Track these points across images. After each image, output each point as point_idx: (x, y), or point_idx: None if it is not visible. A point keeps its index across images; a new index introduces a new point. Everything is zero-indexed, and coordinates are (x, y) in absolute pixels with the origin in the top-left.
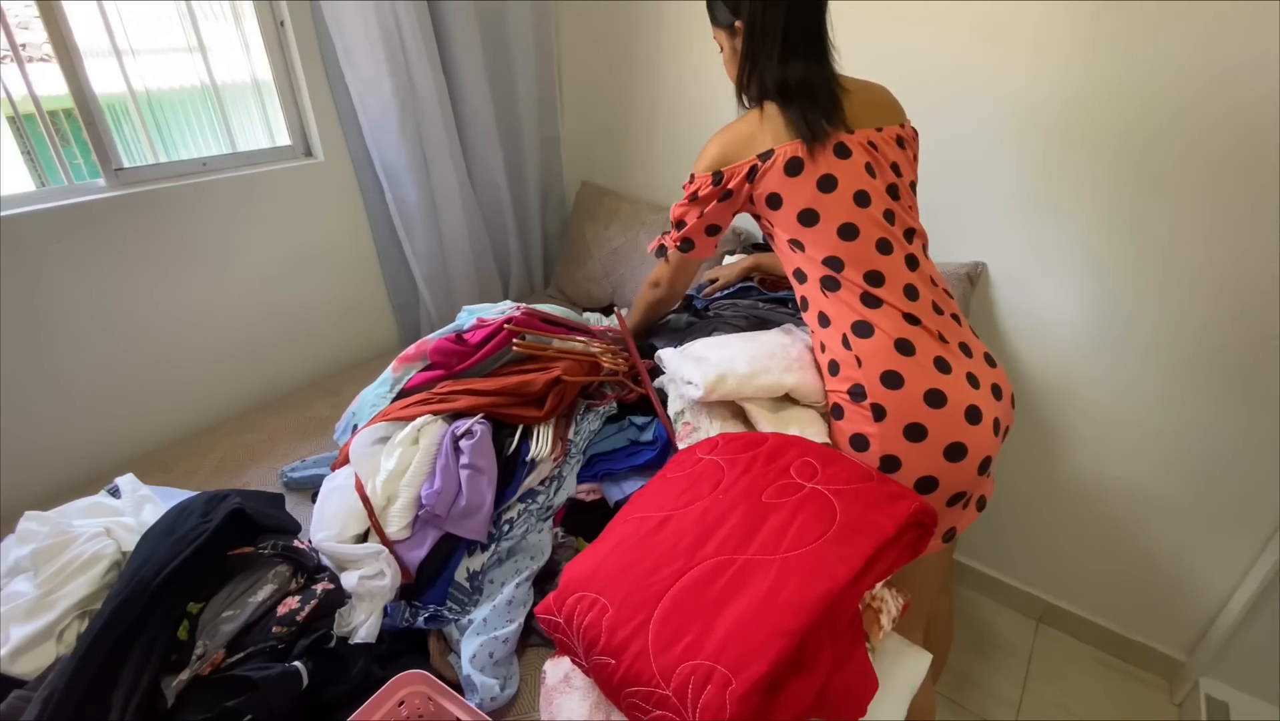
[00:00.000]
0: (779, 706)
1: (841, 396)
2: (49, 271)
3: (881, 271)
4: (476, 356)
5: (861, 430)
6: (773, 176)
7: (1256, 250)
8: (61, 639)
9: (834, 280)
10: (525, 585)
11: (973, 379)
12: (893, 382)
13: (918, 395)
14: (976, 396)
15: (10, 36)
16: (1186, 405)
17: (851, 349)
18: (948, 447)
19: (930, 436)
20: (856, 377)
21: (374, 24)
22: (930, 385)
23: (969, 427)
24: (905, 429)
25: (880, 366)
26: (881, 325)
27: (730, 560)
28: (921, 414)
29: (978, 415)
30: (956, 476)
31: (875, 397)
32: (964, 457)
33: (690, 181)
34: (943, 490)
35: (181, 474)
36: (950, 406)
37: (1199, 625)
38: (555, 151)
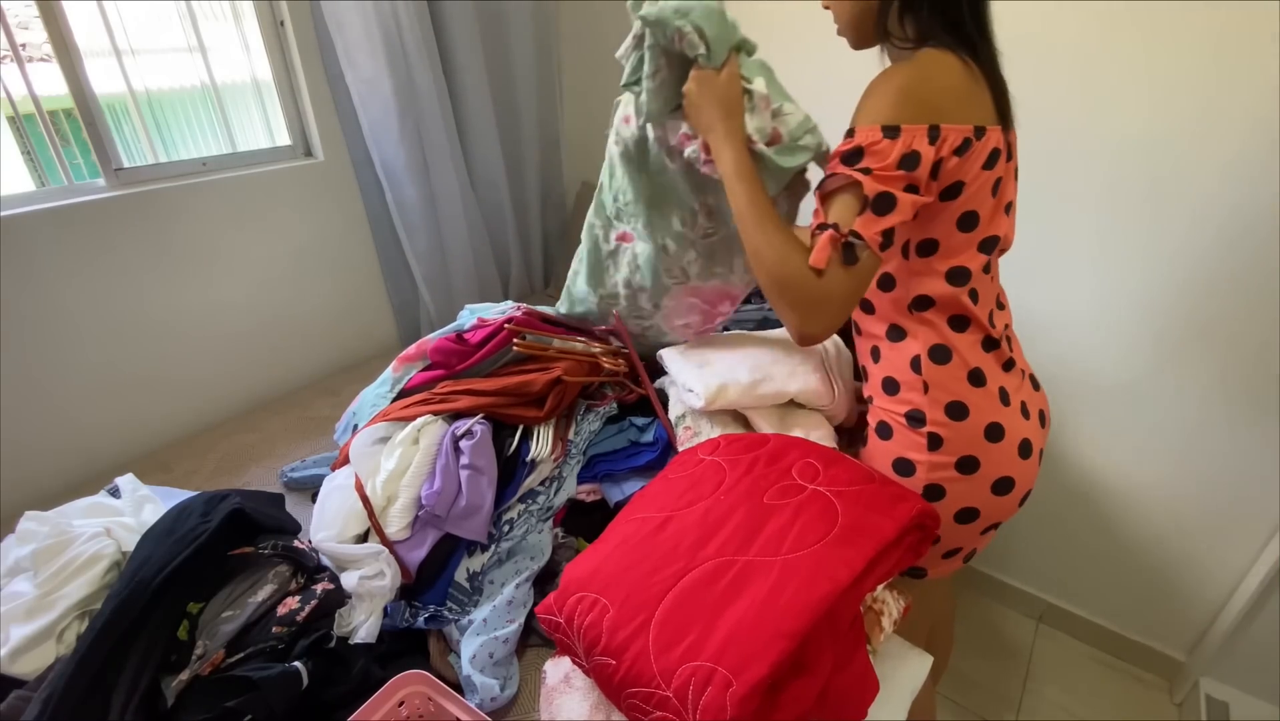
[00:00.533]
0: (780, 708)
1: (895, 418)
2: (49, 271)
3: (979, 290)
4: (477, 356)
5: (910, 456)
6: (973, 162)
7: (1259, 251)
8: (61, 639)
9: (930, 300)
10: (525, 585)
11: (1025, 408)
12: (958, 414)
13: (979, 428)
14: (1028, 428)
15: (10, 36)
16: (1187, 405)
17: (921, 373)
18: (997, 481)
19: (982, 470)
20: (918, 403)
21: (374, 24)
22: (993, 419)
23: (1020, 462)
24: (959, 461)
25: (949, 396)
26: (961, 351)
27: (731, 561)
28: (979, 447)
29: (1029, 449)
30: (999, 509)
31: (935, 427)
32: (1010, 491)
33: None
34: (981, 520)
35: (181, 474)
36: (1006, 440)
37: (1199, 625)
38: (555, 151)
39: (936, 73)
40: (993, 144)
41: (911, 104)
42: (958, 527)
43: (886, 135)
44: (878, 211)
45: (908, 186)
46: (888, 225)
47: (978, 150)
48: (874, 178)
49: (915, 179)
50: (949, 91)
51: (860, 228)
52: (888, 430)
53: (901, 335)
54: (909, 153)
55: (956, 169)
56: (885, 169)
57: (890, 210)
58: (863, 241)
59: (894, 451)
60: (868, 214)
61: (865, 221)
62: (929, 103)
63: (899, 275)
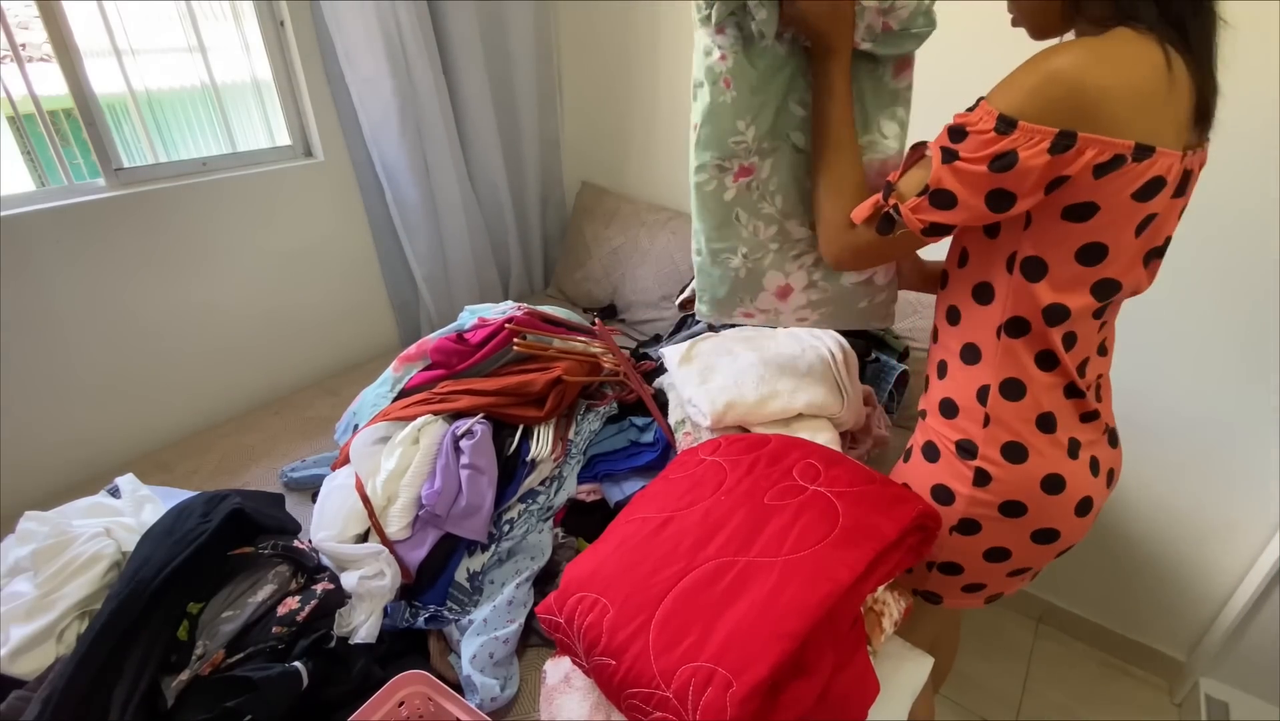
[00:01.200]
0: (780, 709)
1: (945, 442)
2: (49, 271)
3: (1079, 334)
4: (477, 356)
5: (952, 485)
6: (1120, 186)
7: (1260, 251)
8: (61, 639)
9: (1026, 326)
10: (525, 585)
11: (1094, 464)
12: (1014, 456)
13: (1036, 477)
14: (1093, 486)
15: (10, 36)
16: (1187, 405)
17: (986, 404)
18: (1040, 531)
19: (1027, 517)
20: (973, 434)
21: (374, 24)
22: (1053, 470)
23: (1074, 519)
24: (1005, 505)
25: (1009, 435)
26: (1037, 391)
27: (732, 562)
28: (1031, 496)
29: (1088, 508)
30: (1034, 556)
31: (986, 463)
32: (1052, 543)
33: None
34: (1011, 563)
35: (181, 474)
36: (1065, 495)
37: (1199, 625)
38: (555, 152)
39: (1112, 64)
40: (1158, 170)
41: (1048, 99)
42: (985, 564)
43: (999, 127)
44: (934, 203)
45: (992, 193)
46: (938, 220)
47: (1131, 174)
48: (951, 170)
49: (1004, 184)
50: (1116, 92)
51: (910, 209)
52: (935, 452)
53: (976, 358)
54: (1007, 153)
55: (1091, 188)
56: (971, 163)
57: (948, 208)
58: (901, 220)
59: (936, 476)
60: (925, 200)
61: (919, 205)
62: (1075, 102)
63: (1000, 289)
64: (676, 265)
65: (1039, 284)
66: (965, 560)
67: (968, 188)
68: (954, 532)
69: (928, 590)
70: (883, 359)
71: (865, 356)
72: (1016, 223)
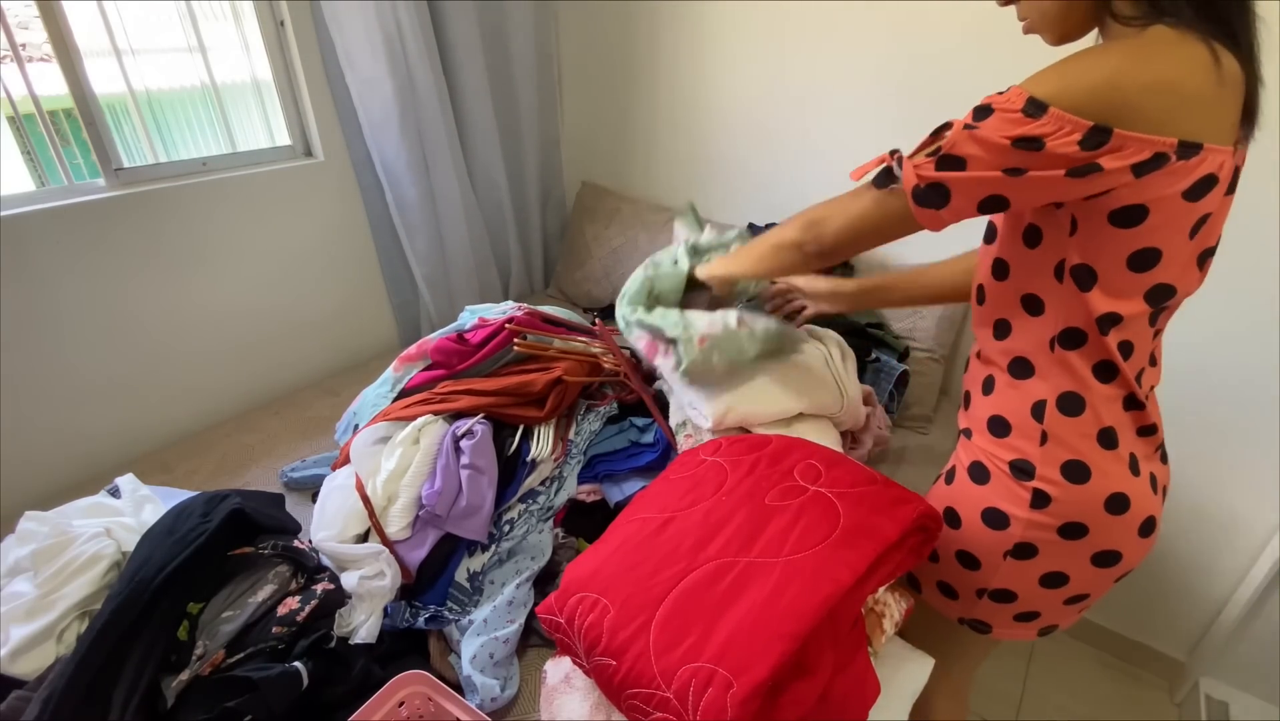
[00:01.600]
0: (780, 710)
1: (996, 463)
2: (49, 271)
3: (1135, 342)
4: (477, 356)
5: (1007, 509)
6: (1168, 186)
7: (1260, 251)
8: (61, 639)
9: (1082, 337)
10: (526, 585)
11: (1154, 481)
12: (1076, 476)
13: (1099, 497)
14: (1155, 504)
15: (10, 36)
16: (1187, 405)
17: (1043, 421)
18: (1101, 554)
19: (1088, 539)
20: (1030, 454)
21: (374, 24)
22: (1117, 489)
23: (1137, 540)
24: (1065, 526)
25: (1069, 454)
26: (1097, 405)
27: (733, 562)
28: (1094, 518)
29: (1151, 528)
30: (1094, 581)
31: (1045, 484)
32: (1113, 566)
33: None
34: (1068, 589)
35: (181, 474)
36: (1130, 515)
37: (1199, 625)
38: (555, 151)
39: (1156, 62)
40: (1209, 168)
41: (1086, 89)
42: (1040, 591)
43: (1028, 109)
44: (941, 165)
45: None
46: (939, 179)
47: (1179, 171)
48: (970, 135)
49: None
50: (1157, 89)
51: (913, 164)
52: (984, 474)
53: (1028, 373)
54: (1034, 138)
55: (1136, 190)
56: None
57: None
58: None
59: (988, 500)
60: (932, 160)
61: (923, 162)
62: (1114, 98)
63: (1050, 301)
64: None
65: (1091, 292)
66: (1020, 586)
67: (985, 153)
68: (1009, 557)
69: (975, 618)
70: (883, 359)
71: (865, 356)
72: (1061, 230)
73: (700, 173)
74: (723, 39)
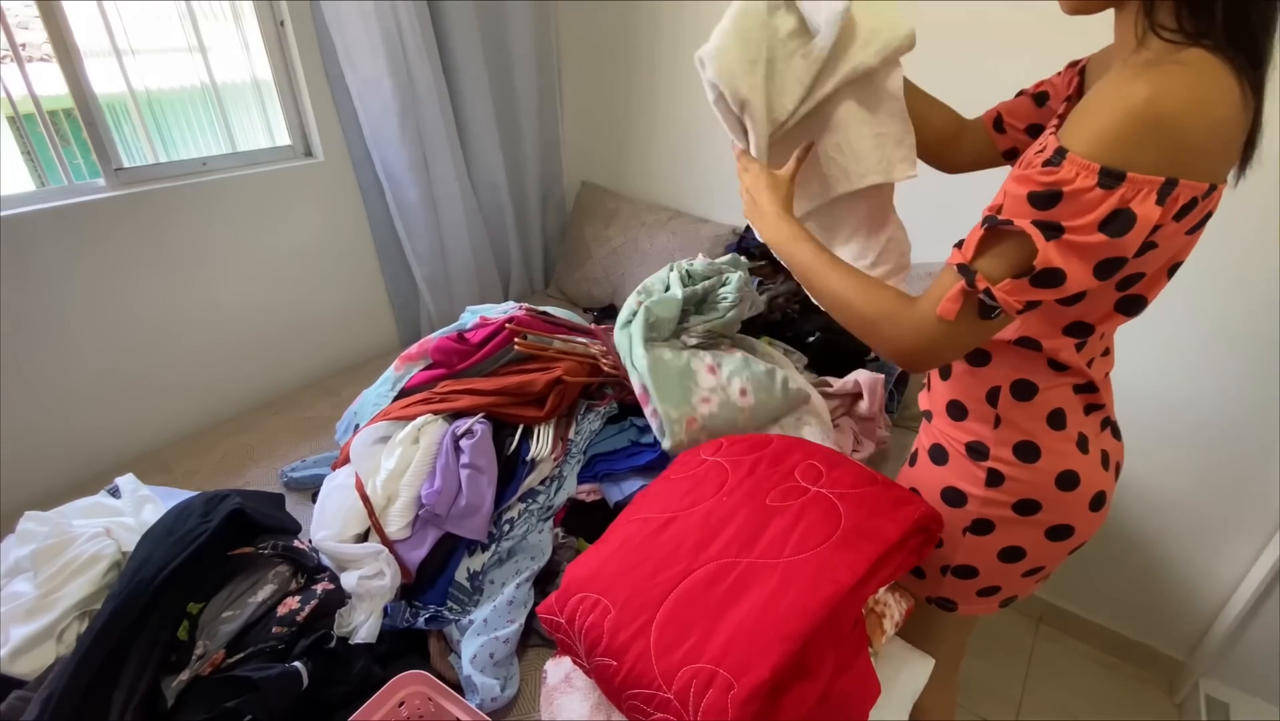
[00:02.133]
0: (781, 710)
1: (954, 445)
2: (49, 271)
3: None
4: (478, 356)
5: (963, 488)
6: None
7: (1258, 249)
8: (61, 639)
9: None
10: (526, 585)
11: (1105, 458)
12: (1027, 455)
13: (1050, 474)
14: (1105, 480)
15: (10, 36)
16: (1188, 405)
17: (996, 406)
18: (1055, 528)
19: (1042, 515)
20: (984, 436)
21: (374, 24)
22: (1067, 466)
23: (1088, 514)
24: (1019, 503)
25: (1020, 435)
26: (1047, 391)
27: (734, 563)
28: (1046, 494)
29: (1101, 502)
30: (1049, 554)
31: (998, 464)
32: (1066, 540)
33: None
34: (1026, 562)
35: (181, 474)
36: (1080, 491)
37: (1199, 625)
38: (555, 152)
39: (1207, 105)
40: (1213, 205)
41: (1156, 141)
42: (999, 565)
43: (1103, 182)
44: (1036, 283)
45: (1101, 264)
46: (1039, 298)
47: (1197, 211)
48: (1061, 245)
49: (1120, 249)
50: (1215, 131)
51: (1005, 292)
52: (943, 455)
53: (984, 360)
54: (1122, 211)
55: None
56: (1082, 231)
57: (1053, 286)
58: (997, 305)
59: (946, 479)
60: (1024, 281)
61: (1016, 287)
62: (1183, 145)
63: None
64: None
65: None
66: (980, 561)
67: (1080, 261)
68: (967, 534)
69: (942, 596)
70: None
71: (865, 356)
72: None
73: (700, 173)
74: None
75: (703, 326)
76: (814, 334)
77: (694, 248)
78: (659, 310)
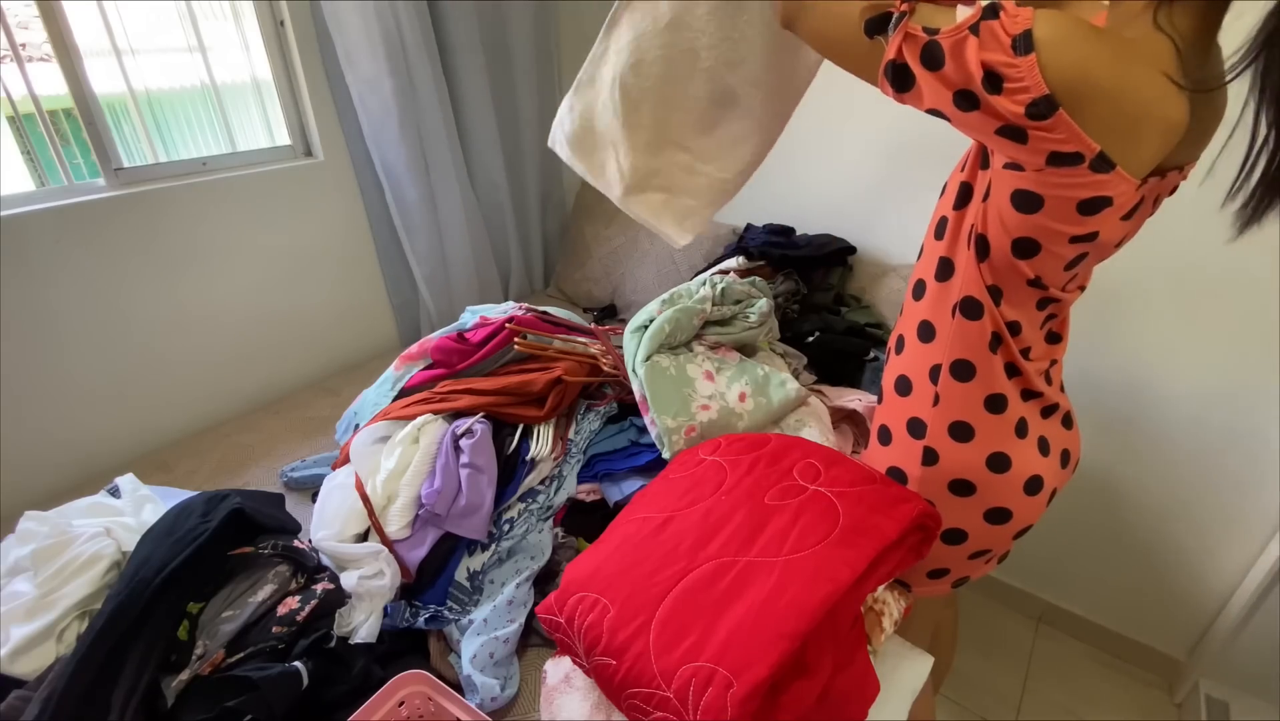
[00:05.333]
0: (780, 709)
1: (897, 422)
2: (49, 271)
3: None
4: (478, 355)
5: (903, 467)
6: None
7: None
8: (61, 639)
9: (978, 309)
10: (525, 585)
11: (1044, 444)
12: (961, 435)
13: (981, 455)
14: (1042, 465)
15: (10, 36)
16: (1188, 405)
17: (936, 384)
18: (991, 511)
19: (976, 496)
20: (923, 413)
21: (374, 24)
22: (999, 448)
23: (1023, 498)
24: (952, 483)
25: (956, 415)
26: (986, 373)
27: (733, 562)
28: (977, 475)
29: (1038, 486)
30: (990, 537)
31: (933, 442)
32: (1005, 523)
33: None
34: (969, 545)
35: (181, 474)
36: (1012, 474)
37: (1199, 625)
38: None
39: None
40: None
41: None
42: (943, 547)
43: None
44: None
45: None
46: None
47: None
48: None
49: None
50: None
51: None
52: (888, 435)
53: (930, 336)
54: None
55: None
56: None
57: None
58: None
59: (890, 459)
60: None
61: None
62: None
63: (959, 266)
64: (676, 265)
65: (984, 264)
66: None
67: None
68: None
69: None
70: (881, 358)
71: (864, 355)
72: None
73: None
74: None
75: (714, 338)
76: (813, 334)
77: (694, 247)
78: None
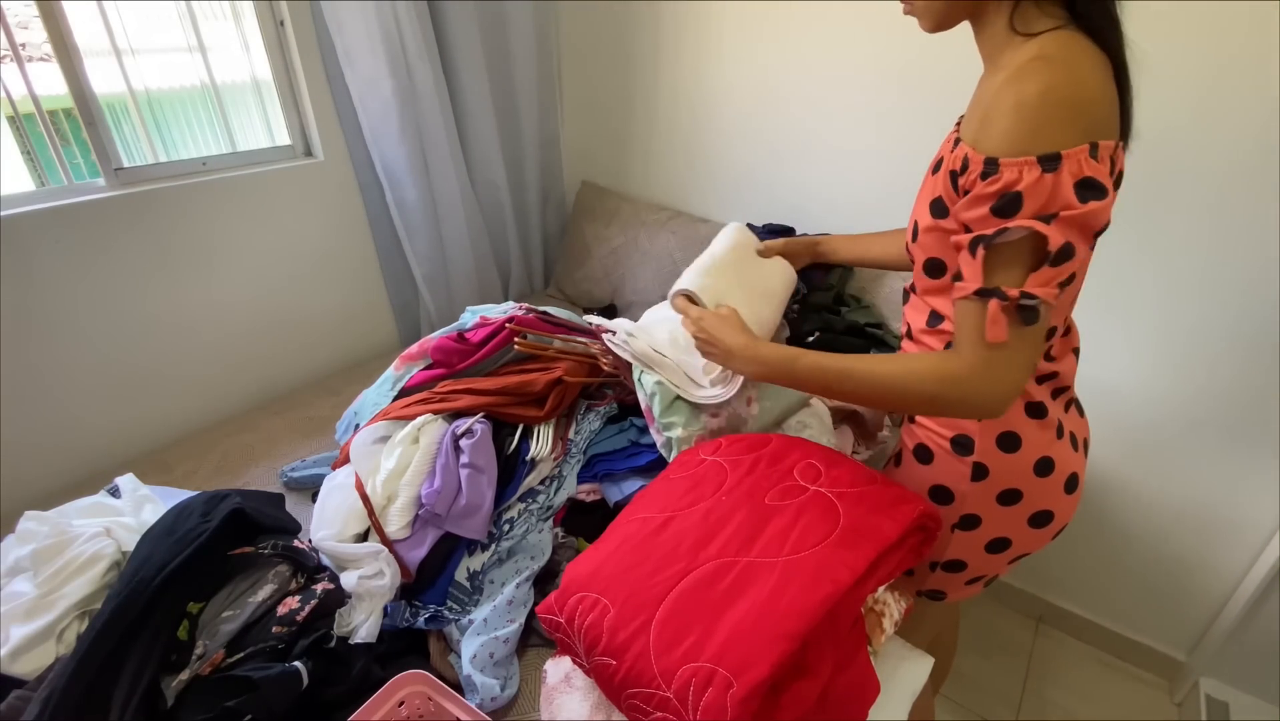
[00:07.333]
0: (780, 709)
1: (939, 441)
2: (49, 271)
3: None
4: (478, 355)
5: (950, 485)
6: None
7: (1257, 250)
8: (61, 639)
9: None
10: (525, 585)
11: (1074, 440)
12: (1009, 446)
13: (1029, 462)
14: (1076, 461)
15: (10, 36)
16: (1187, 405)
17: None
18: (1037, 514)
19: (1023, 502)
20: (968, 429)
21: (374, 24)
22: (1045, 453)
23: (1064, 496)
24: (1001, 494)
25: (1003, 426)
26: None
27: (733, 562)
28: (1025, 481)
29: (1075, 483)
30: (1032, 540)
31: (983, 457)
32: (1048, 525)
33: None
34: (1012, 551)
35: (181, 474)
36: (1055, 475)
37: (1199, 625)
38: (555, 151)
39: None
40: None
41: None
42: (987, 556)
43: (1046, 167)
44: (1057, 262)
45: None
46: (1064, 276)
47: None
48: (1060, 223)
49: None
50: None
51: (1037, 285)
52: (928, 455)
53: None
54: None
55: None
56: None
57: (1070, 259)
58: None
59: (933, 478)
60: (1046, 268)
61: (1042, 278)
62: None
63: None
64: (676, 265)
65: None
66: (968, 555)
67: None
68: (955, 530)
69: (931, 589)
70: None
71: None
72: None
73: (700, 173)
74: (724, 39)
75: None
76: (813, 334)
77: (694, 247)
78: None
